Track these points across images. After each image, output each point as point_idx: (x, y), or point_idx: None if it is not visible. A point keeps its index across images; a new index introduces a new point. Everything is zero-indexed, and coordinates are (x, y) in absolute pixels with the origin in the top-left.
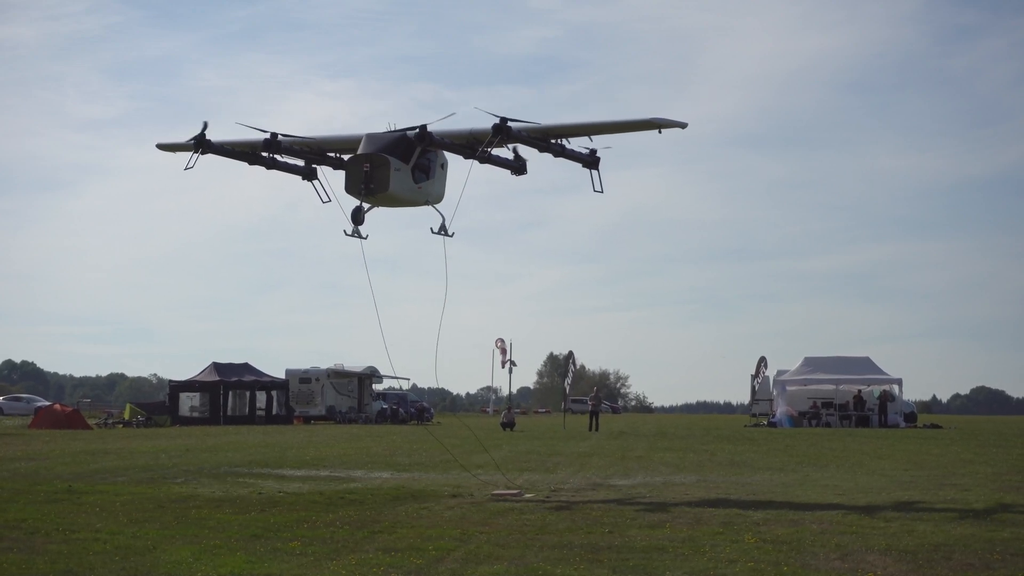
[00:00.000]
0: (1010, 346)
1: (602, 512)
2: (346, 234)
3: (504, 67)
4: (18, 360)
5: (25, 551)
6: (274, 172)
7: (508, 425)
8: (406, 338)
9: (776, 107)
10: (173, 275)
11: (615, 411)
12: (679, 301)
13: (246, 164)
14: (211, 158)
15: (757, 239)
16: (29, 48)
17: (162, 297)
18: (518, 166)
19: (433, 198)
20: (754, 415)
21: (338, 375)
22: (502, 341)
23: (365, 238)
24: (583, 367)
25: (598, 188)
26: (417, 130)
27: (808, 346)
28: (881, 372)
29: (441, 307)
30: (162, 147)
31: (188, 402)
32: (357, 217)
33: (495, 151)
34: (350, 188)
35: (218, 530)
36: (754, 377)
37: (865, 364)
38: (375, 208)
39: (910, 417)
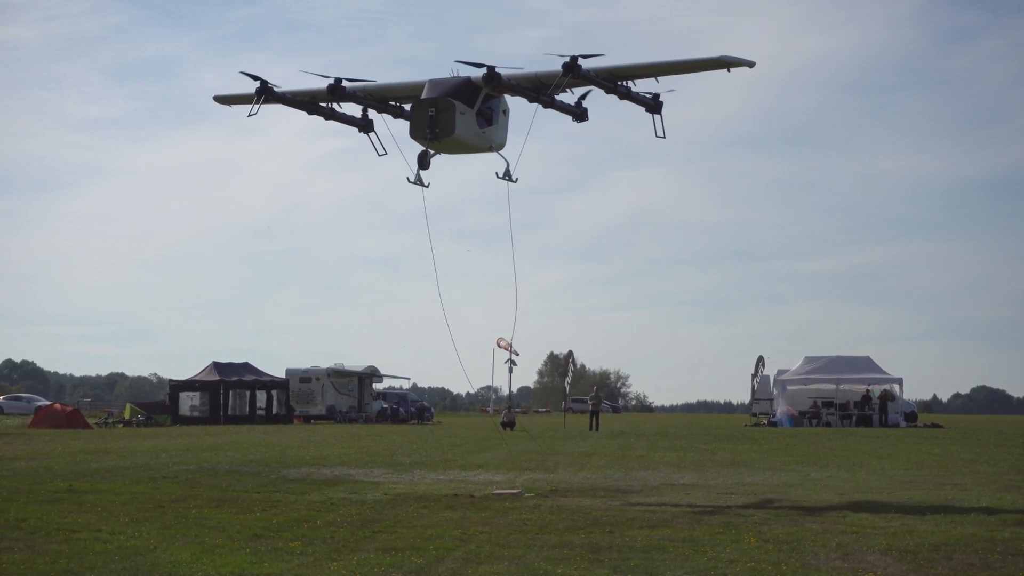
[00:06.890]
0: (1010, 346)
1: (602, 512)
2: (409, 181)
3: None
4: (18, 359)
5: (26, 551)
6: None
7: (508, 425)
8: (409, 337)
9: (776, 107)
10: (173, 275)
11: (615, 411)
12: (680, 301)
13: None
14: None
15: (757, 240)
16: (29, 48)
17: (162, 297)
18: (580, 112)
19: (496, 144)
20: (754, 415)
21: (338, 374)
22: (504, 340)
23: (427, 186)
24: (583, 367)
25: (660, 134)
26: (485, 70)
27: (808, 347)
28: (882, 371)
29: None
30: (219, 99)
31: (188, 401)
32: (424, 161)
33: (559, 96)
34: (415, 133)
35: (219, 530)
36: (754, 377)
37: (866, 363)
38: (438, 157)
39: (911, 417)
